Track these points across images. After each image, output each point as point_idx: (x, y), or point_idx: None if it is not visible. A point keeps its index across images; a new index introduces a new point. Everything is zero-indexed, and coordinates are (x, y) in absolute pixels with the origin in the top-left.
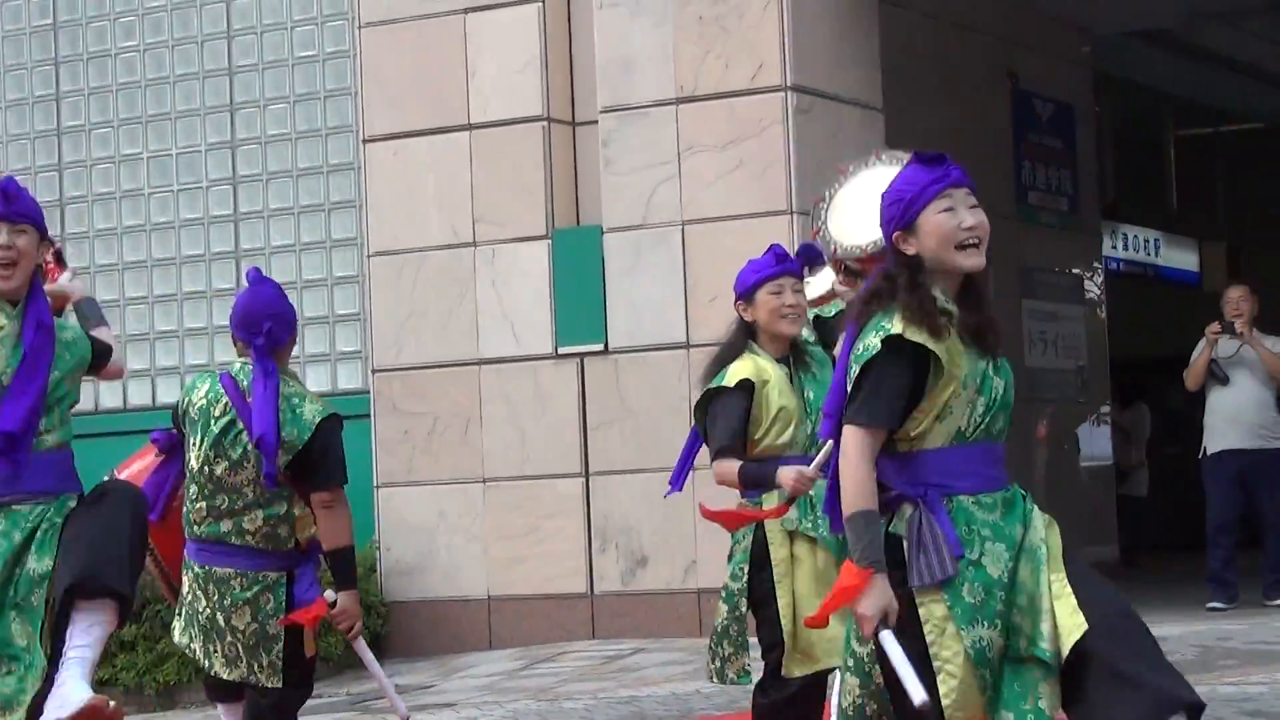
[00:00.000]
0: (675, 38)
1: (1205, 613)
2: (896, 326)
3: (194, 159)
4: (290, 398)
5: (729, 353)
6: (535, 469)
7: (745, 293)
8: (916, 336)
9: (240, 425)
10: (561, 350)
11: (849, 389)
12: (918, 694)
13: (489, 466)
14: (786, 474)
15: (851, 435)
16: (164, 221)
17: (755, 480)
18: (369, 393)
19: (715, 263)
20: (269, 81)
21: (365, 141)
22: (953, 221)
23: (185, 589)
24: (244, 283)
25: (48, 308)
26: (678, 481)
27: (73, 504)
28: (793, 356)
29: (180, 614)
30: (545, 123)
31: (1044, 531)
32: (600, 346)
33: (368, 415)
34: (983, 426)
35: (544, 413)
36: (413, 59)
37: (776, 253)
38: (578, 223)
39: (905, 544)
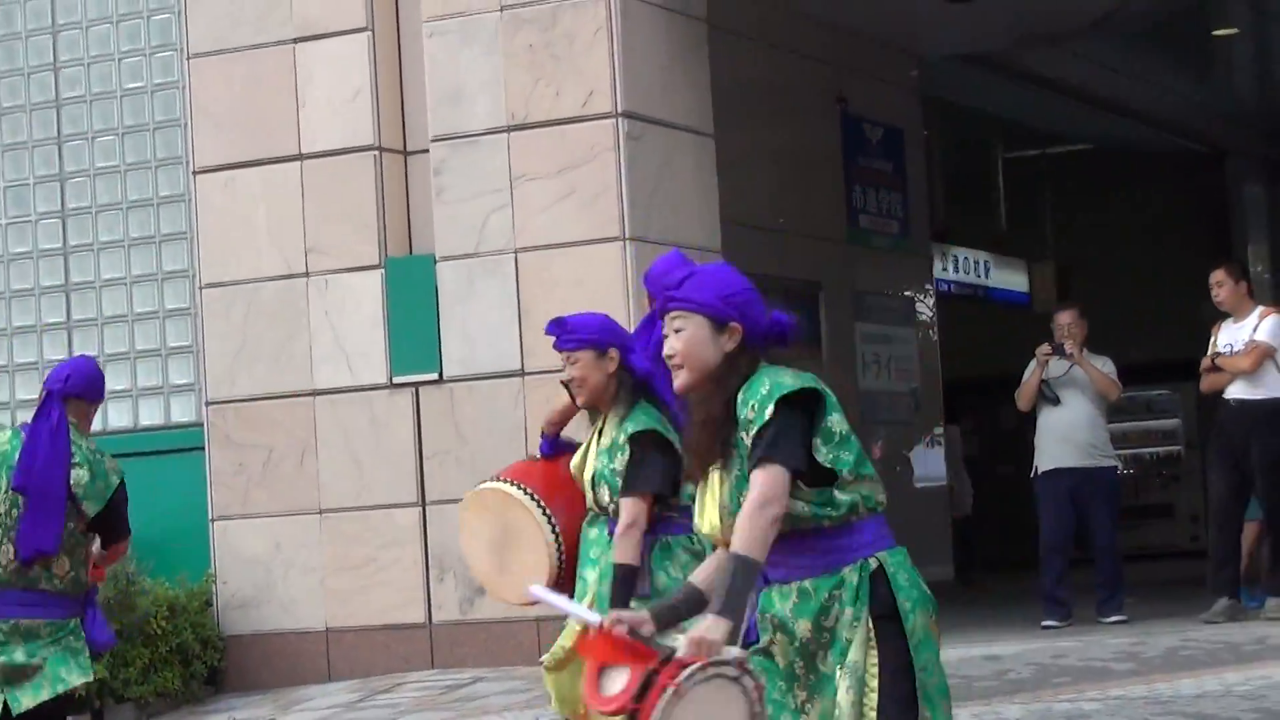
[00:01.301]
0: (505, 65)
1: (1040, 631)
2: None
3: (22, 192)
4: (96, 451)
5: None
6: (372, 499)
7: None
8: None
9: None
10: (396, 380)
11: None
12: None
13: (325, 498)
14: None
15: None
16: None
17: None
18: (203, 425)
19: (549, 290)
20: (97, 113)
21: (195, 173)
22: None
23: None
24: (74, 317)
25: None
26: None
27: None
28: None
29: None
30: (376, 152)
31: (862, 654)
32: (435, 375)
33: (202, 448)
34: None
35: (379, 443)
36: (242, 89)
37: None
38: (410, 252)
39: None
